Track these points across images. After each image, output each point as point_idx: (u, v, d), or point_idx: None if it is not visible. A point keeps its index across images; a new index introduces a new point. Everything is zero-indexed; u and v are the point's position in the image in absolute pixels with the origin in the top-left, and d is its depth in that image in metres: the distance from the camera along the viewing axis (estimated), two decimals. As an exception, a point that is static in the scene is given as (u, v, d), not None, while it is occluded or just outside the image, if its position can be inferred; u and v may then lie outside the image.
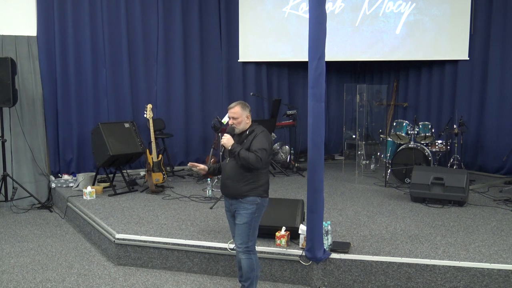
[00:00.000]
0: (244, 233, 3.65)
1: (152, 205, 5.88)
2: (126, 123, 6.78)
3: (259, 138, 3.60)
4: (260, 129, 3.69)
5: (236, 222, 3.68)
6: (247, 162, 3.52)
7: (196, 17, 8.30)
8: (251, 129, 3.69)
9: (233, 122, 3.67)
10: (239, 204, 3.64)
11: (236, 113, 3.65)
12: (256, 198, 3.63)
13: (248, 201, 3.61)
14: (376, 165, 8.11)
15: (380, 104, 8.21)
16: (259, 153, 3.53)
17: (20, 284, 4.21)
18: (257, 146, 3.55)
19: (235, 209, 3.68)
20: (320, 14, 3.82)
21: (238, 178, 3.61)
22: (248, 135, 3.66)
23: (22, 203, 6.68)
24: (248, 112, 3.69)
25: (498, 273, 3.84)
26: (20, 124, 6.85)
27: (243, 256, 3.70)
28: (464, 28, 7.82)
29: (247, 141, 3.63)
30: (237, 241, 3.70)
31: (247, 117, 3.68)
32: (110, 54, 7.56)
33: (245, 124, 3.68)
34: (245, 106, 3.68)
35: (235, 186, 3.62)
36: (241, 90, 8.76)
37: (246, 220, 3.63)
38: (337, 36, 8.28)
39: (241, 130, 3.69)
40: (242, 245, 3.68)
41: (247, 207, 3.62)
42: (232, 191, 3.66)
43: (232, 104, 3.70)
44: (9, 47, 6.79)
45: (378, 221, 5.18)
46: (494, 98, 7.57)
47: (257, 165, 3.53)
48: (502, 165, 7.49)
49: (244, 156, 3.52)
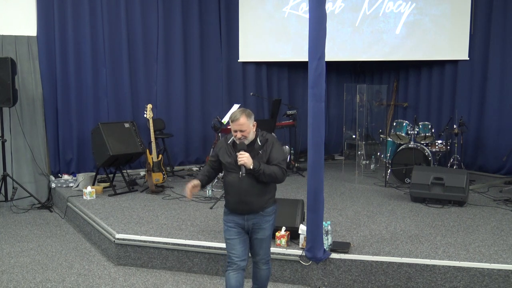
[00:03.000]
0: (268, 245, 3.50)
1: (152, 205, 5.88)
2: (126, 123, 6.78)
3: (276, 148, 3.35)
4: (272, 137, 3.43)
5: (259, 237, 3.41)
6: (273, 178, 3.29)
7: (196, 17, 8.30)
8: (262, 137, 3.38)
9: (241, 135, 3.27)
10: (261, 218, 3.38)
11: (243, 125, 3.26)
12: (274, 207, 3.48)
13: (269, 213, 3.41)
14: (376, 165, 8.11)
15: (380, 104, 8.21)
16: (283, 165, 3.31)
17: (20, 284, 4.21)
18: (278, 158, 3.31)
19: (254, 224, 3.39)
20: (320, 14, 3.82)
21: (260, 193, 3.34)
22: (262, 146, 3.34)
23: (22, 203, 6.68)
24: (253, 119, 3.36)
25: (498, 273, 3.84)
26: (20, 124, 6.85)
27: (264, 267, 3.54)
28: (464, 28, 7.83)
29: (263, 152, 3.32)
30: (262, 254, 3.48)
31: (254, 126, 3.35)
32: (110, 54, 7.56)
33: (253, 134, 3.35)
34: (249, 114, 3.33)
35: (256, 201, 3.34)
36: (241, 90, 8.76)
37: (269, 233, 3.46)
38: (337, 36, 8.29)
39: (249, 141, 3.35)
40: (266, 256, 3.52)
41: (268, 219, 3.42)
42: (253, 206, 3.34)
43: (234, 114, 3.29)
44: (9, 47, 6.79)
45: (378, 221, 5.18)
46: (494, 98, 7.57)
47: (283, 178, 3.33)
48: (502, 165, 7.49)
49: (270, 173, 3.26)
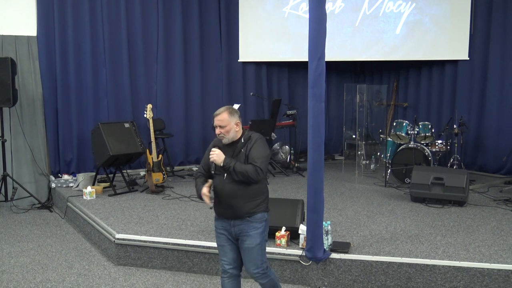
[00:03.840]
0: (257, 256, 3.21)
1: (152, 205, 5.88)
2: (126, 123, 6.78)
3: (256, 145, 3.17)
4: (257, 136, 3.25)
5: (245, 245, 3.19)
6: (245, 176, 3.08)
7: (196, 17, 8.30)
8: (246, 136, 3.24)
9: (220, 131, 3.17)
10: (247, 224, 3.17)
11: (223, 121, 3.15)
12: (264, 214, 3.23)
13: (257, 219, 3.18)
14: (376, 165, 8.11)
15: (380, 104, 8.21)
16: (258, 163, 3.10)
17: (20, 284, 4.21)
18: (255, 155, 3.12)
19: (241, 231, 3.19)
20: (320, 14, 3.81)
21: (243, 195, 3.14)
22: (244, 145, 3.19)
23: (22, 203, 6.68)
24: (238, 118, 3.21)
25: (498, 273, 3.84)
26: (20, 124, 6.85)
27: (262, 281, 3.28)
28: (464, 28, 7.82)
29: (244, 150, 3.18)
30: (251, 267, 3.22)
31: (237, 125, 3.20)
32: (110, 54, 7.56)
33: (235, 133, 3.20)
34: (233, 111, 3.20)
35: (241, 205, 3.15)
36: (241, 90, 8.76)
37: (258, 241, 3.19)
38: (337, 36, 8.29)
39: (231, 140, 3.20)
40: (258, 270, 3.22)
41: (256, 226, 3.18)
42: (238, 211, 3.16)
43: (218, 110, 3.21)
44: (9, 47, 6.79)
45: (378, 221, 5.18)
46: (494, 98, 7.57)
47: (257, 177, 3.11)
48: (502, 165, 7.49)
49: (241, 170, 3.07)
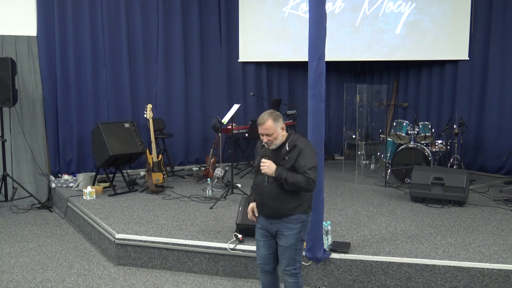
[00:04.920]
0: (291, 255, 3.23)
1: (152, 205, 5.88)
2: (126, 123, 6.78)
3: (305, 154, 3.10)
4: (303, 142, 3.18)
5: (281, 244, 3.24)
6: (297, 187, 3.07)
7: (196, 17, 8.30)
8: (292, 141, 3.17)
9: (268, 139, 3.13)
10: (283, 224, 3.20)
11: (270, 129, 3.10)
12: (301, 216, 3.22)
13: (292, 220, 3.18)
14: (376, 165, 8.11)
15: (380, 104, 8.21)
16: (309, 174, 3.05)
17: (20, 284, 4.21)
18: (305, 165, 3.06)
19: (277, 230, 3.23)
20: (320, 14, 3.82)
21: (283, 198, 3.16)
22: (290, 151, 3.13)
23: (22, 203, 6.68)
24: (282, 122, 3.17)
25: (498, 273, 3.84)
26: (20, 124, 6.85)
27: (290, 280, 3.29)
28: (464, 28, 7.83)
29: (289, 158, 3.12)
30: (283, 264, 3.27)
31: (282, 129, 3.17)
32: (110, 54, 7.56)
33: (282, 137, 3.17)
34: (277, 116, 3.15)
35: (278, 206, 3.17)
36: (241, 90, 8.76)
37: (293, 242, 3.21)
38: (337, 36, 8.28)
39: (278, 145, 3.18)
40: (289, 268, 3.26)
41: (292, 227, 3.19)
42: (274, 211, 3.20)
43: (261, 117, 3.14)
44: (9, 47, 6.79)
45: (378, 221, 5.18)
46: (494, 98, 7.58)
47: (308, 188, 3.08)
48: (502, 165, 7.49)
49: (293, 182, 3.05)
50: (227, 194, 6.12)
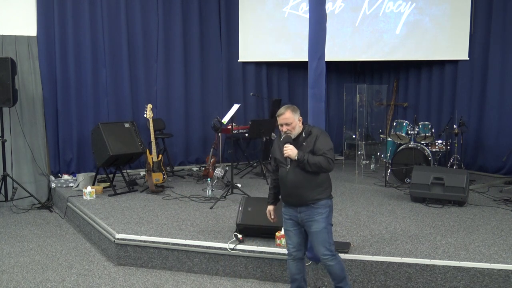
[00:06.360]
0: (325, 239, 3.48)
1: (152, 205, 5.88)
2: (126, 123, 6.78)
3: (322, 138, 3.44)
4: (318, 129, 3.54)
5: (313, 230, 3.47)
6: (318, 167, 3.36)
7: (196, 17, 8.30)
8: (307, 130, 3.51)
9: (287, 128, 3.45)
10: (312, 210, 3.45)
11: (289, 118, 3.43)
12: (328, 201, 3.51)
13: (320, 206, 3.45)
14: (376, 165, 8.11)
15: (380, 104, 8.21)
16: (328, 155, 3.37)
17: (20, 284, 4.21)
18: (324, 147, 3.39)
19: (307, 217, 3.47)
20: (320, 14, 3.82)
21: (307, 184, 3.43)
22: (306, 138, 3.47)
23: (22, 203, 6.68)
24: (299, 114, 3.50)
25: (498, 273, 3.84)
26: (20, 124, 6.85)
27: (332, 263, 3.51)
28: (464, 28, 7.83)
29: (307, 144, 3.44)
30: (321, 250, 3.49)
31: (299, 120, 3.50)
32: (110, 54, 7.57)
33: (299, 128, 3.50)
34: (295, 109, 3.48)
35: (306, 193, 3.43)
36: (241, 90, 8.77)
37: (324, 225, 3.46)
38: (337, 36, 8.29)
39: (296, 135, 3.49)
40: (328, 252, 3.48)
41: (321, 211, 3.45)
42: (302, 199, 3.45)
43: (280, 110, 3.49)
44: (9, 47, 6.79)
45: (378, 221, 5.17)
46: (494, 98, 7.58)
47: (329, 167, 3.38)
48: (502, 165, 7.49)
49: (315, 162, 3.35)
50: (227, 194, 6.12)
